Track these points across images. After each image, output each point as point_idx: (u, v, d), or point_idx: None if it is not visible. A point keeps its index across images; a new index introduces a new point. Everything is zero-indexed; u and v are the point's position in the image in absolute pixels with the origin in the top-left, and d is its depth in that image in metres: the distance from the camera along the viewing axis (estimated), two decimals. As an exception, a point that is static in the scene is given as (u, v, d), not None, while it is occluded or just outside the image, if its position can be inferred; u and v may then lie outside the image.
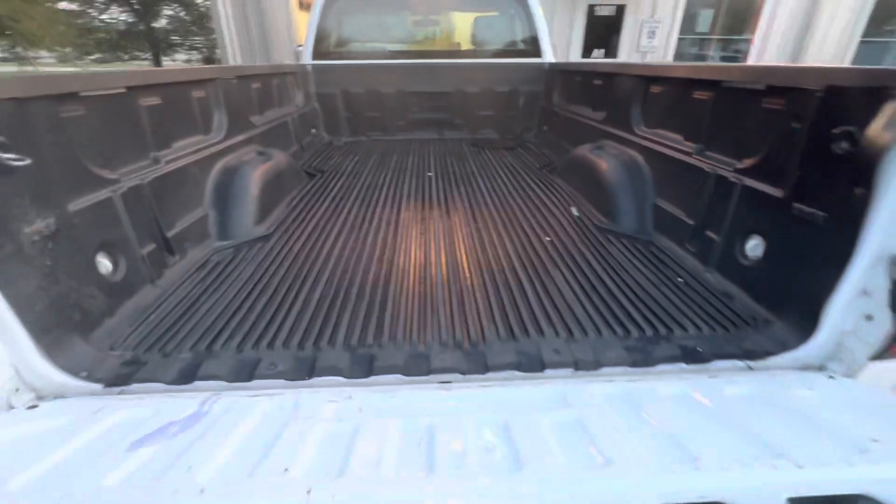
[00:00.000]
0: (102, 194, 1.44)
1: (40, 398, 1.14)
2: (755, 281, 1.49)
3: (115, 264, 1.48)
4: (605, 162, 2.41)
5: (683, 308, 1.49)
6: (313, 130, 4.12)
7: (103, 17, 11.99)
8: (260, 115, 2.94)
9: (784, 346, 1.25)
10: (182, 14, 13.66)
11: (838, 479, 0.82)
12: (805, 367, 1.22)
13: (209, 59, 14.62)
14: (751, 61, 9.22)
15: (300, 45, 4.45)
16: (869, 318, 1.14)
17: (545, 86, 4.27)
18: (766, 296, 1.43)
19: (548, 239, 2.05)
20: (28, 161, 1.13)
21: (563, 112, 3.75)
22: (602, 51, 9.63)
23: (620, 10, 9.07)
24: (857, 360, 1.17)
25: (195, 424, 0.98)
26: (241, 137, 2.51)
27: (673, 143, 2.06)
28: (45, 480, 0.82)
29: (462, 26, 4.80)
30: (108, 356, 1.26)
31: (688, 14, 9.09)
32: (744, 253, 1.57)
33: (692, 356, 1.25)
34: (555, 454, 0.87)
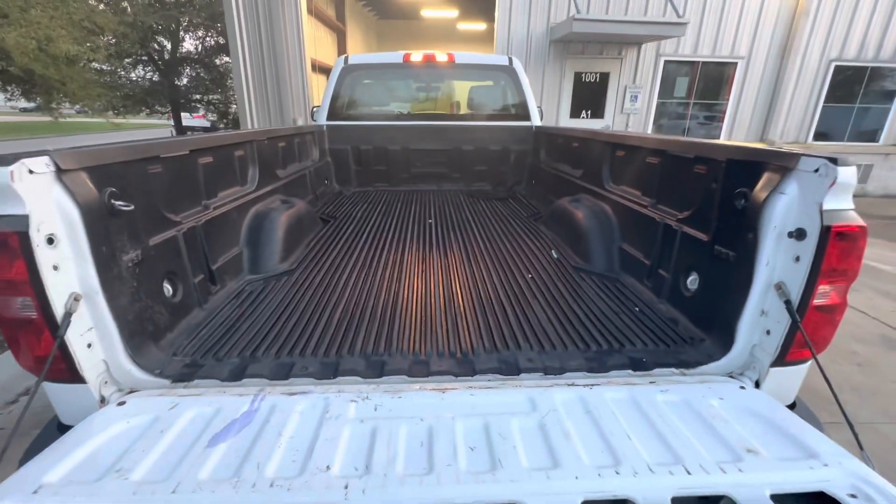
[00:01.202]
0: (170, 233, 1.81)
1: (120, 390, 1.45)
2: (693, 308, 1.84)
3: (175, 289, 1.82)
4: (581, 212, 2.83)
5: (636, 330, 1.83)
6: (326, 182, 4.59)
7: (131, 75, 13.06)
8: (284, 169, 3.40)
9: (711, 358, 1.58)
10: (202, 73, 14.77)
11: (711, 484, 1.08)
12: (727, 374, 1.54)
13: (224, 115, 15.58)
14: (725, 124, 10.06)
15: (316, 107, 5.04)
16: (768, 332, 1.48)
17: (533, 145, 4.81)
18: (700, 319, 1.78)
19: (529, 276, 2.41)
20: (132, 207, 1.51)
21: (549, 168, 4.24)
22: (589, 112, 10.48)
23: (605, 76, 10.01)
24: (763, 367, 1.49)
25: (250, 422, 1.27)
26: (268, 188, 2.93)
27: (633, 198, 2.48)
28: (153, 474, 1.08)
29: (460, 93, 5.45)
30: (172, 360, 1.57)
31: (667, 80, 10.03)
32: (686, 286, 1.92)
33: (638, 365, 1.57)
34: (519, 456, 1.15)
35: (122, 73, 12.42)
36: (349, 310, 1.98)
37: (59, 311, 1.26)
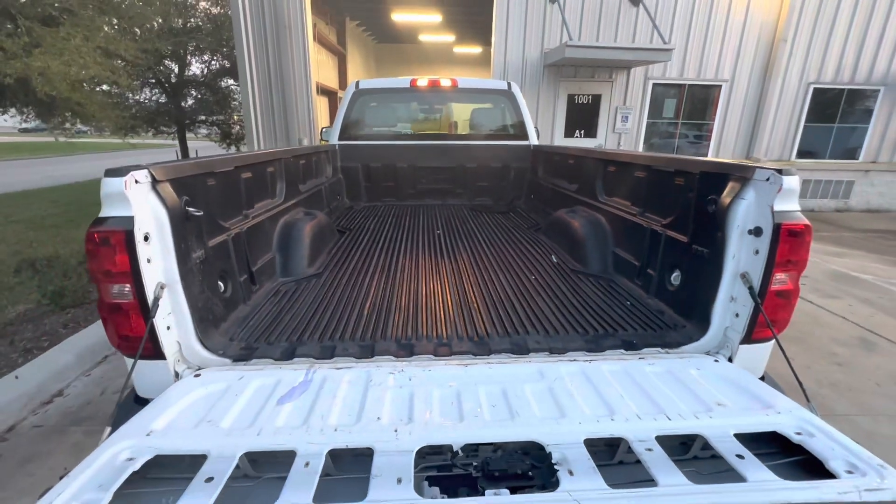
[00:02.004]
0: (222, 237, 2.09)
1: (189, 368, 1.70)
2: (676, 300, 2.13)
3: (226, 286, 2.08)
4: (578, 222, 3.13)
5: (628, 319, 2.11)
6: (338, 197, 4.90)
7: (139, 97, 13.47)
8: (304, 184, 3.70)
9: (691, 339, 1.85)
10: (207, 95, 15.22)
11: (687, 426, 1.35)
12: (704, 352, 1.82)
13: (227, 135, 15.99)
14: (713, 143, 10.55)
15: (325, 127, 5.40)
16: (737, 315, 1.76)
17: (531, 162, 5.16)
18: (682, 309, 2.06)
19: (533, 277, 2.69)
20: (201, 213, 1.79)
21: (546, 183, 4.57)
22: (582, 131, 10.96)
23: (597, 98, 10.52)
24: (734, 344, 1.77)
25: (308, 388, 1.53)
26: (293, 201, 3.22)
27: (624, 208, 2.79)
28: (239, 422, 1.34)
29: (462, 115, 5.83)
30: (230, 343, 1.83)
31: (655, 102, 10.55)
32: (670, 282, 2.21)
33: (629, 346, 1.84)
34: (532, 409, 1.42)
35: (131, 94, 12.83)
36: (376, 304, 2.25)
37: (149, 297, 1.52)
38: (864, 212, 10.73)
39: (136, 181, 1.46)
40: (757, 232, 1.64)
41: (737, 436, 1.29)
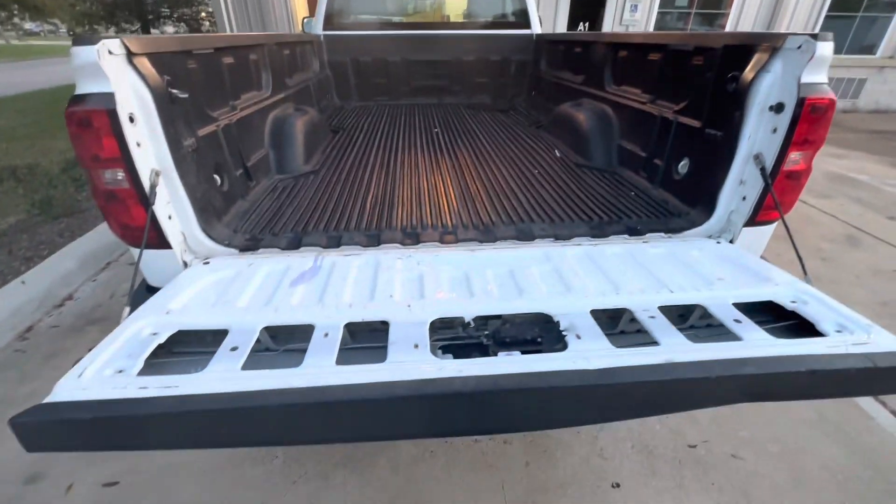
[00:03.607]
0: (211, 128, 1.97)
1: (197, 258, 1.71)
2: (682, 189, 2.10)
3: (222, 179, 2.01)
4: (583, 115, 2.99)
5: (632, 207, 2.10)
6: (327, 95, 4.59)
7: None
8: (290, 78, 3.42)
9: (694, 224, 1.87)
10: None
11: (688, 298, 1.40)
12: (707, 236, 1.84)
13: (195, 32, 14.55)
14: (726, 35, 9.78)
15: (307, 17, 4.87)
16: (744, 198, 1.75)
17: (533, 55, 4.78)
18: (687, 197, 2.05)
19: (536, 171, 2.63)
20: (186, 95, 1.65)
21: (549, 77, 4.28)
22: (587, 24, 10.05)
23: (605, -16, 9.48)
24: (737, 228, 1.79)
25: (318, 273, 1.55)
26: (281, 95, 3.01)
27: (633, 96, 2.64)
28: (254, 302, 1.36)
29: (459, 1, 5.24)
30: (235, 235, 1.81)
31: (668, -11, 9.55)
32: (677, 171, 2.17)
33: (633, 232, 1.86)
34: (540, 286, 1.46)
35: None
36: (378, 198, 2.21)
37: (146, 184, 1.46)
38: (871, 112, 10.41)
39: (110, 52, 1.31)
40: (778, 108, 1.56)
41: (736, 305, 1.35)
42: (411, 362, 1.08)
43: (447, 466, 2.10)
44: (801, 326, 1.31)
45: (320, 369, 1.06)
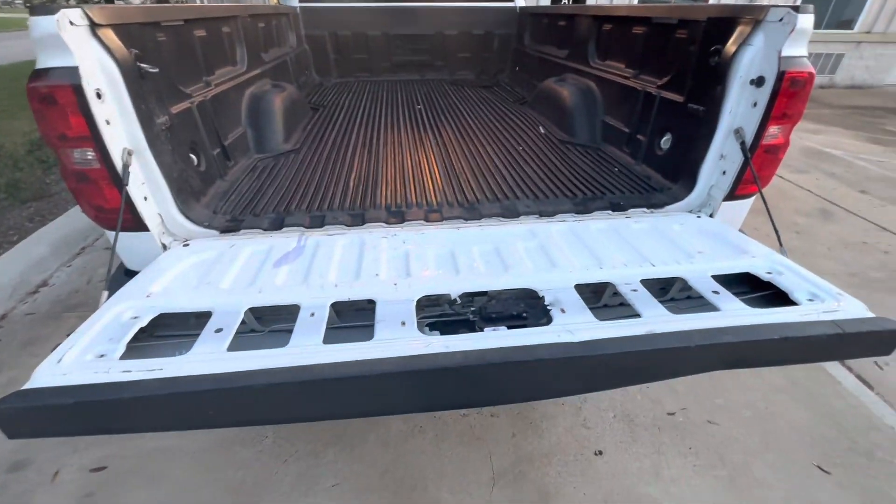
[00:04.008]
0: (185, 104, 1.89)
1: (176, 240, 1.66)
2: (664, 164, 2.12)
3: (199, 159, 1.95)
4: (567, 91, 2.96)
5: (615, 183, 2.12)
6: (306, 71, 4.44)
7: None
8: (266, 53, 3.30)
9: (675, 199, 1.89)
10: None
11: (669, 271, 1.43)
12: (688, 210, 1.88)
13: (163, 2, 13.86)
14: (709, 9, 9.74)
15: None
16: (724, 173, 1.78)
17: (517, 28, 4.69)
18: (669, 172, 2.07)
19: (520, 147, 2.62)
20: (157, 70, 1.58)
21: (533, 52, 4.22)
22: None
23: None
24: (717, 202, 1.82)
25: (302, 253, 1.53)
26: (257, 71, 2.90)
27: (617, 71, 2.63)
28: (238, 283, 1.34)
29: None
30: (215, 216, 1.77)
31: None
32: (659, 146, 2.18)
33: (616, 207, 1.88)
34: (525, 263, 1.47)
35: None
36: (362, 177, 2.18)
37: (117, 164, 1.41)
38: (847, 88, 10.59)
39: (71, 22, 1.24)
40: (759, 82, 1.58)
41: (714, 277, 1.39)
42: (399, 339, 1.09)
43: (436, 440, 2.14)
44: (776, 296, 1.36)
45: (307, 348, 1.06)
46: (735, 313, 1.19)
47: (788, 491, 1.93)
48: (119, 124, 1.41)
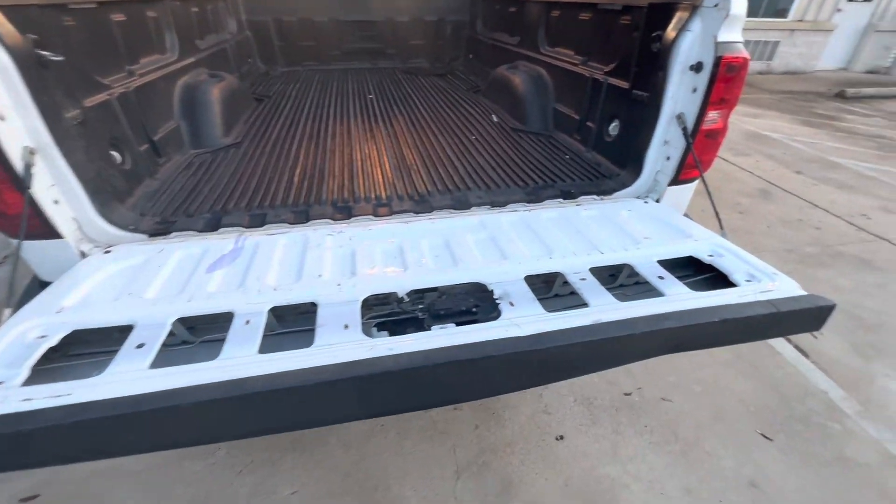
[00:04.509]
0: (103, 96, 1.72)
1: (97, 247, 1.52)
2: (613, 150, 2.15)
3: (123, 156, 1.79)
4: (518, 78, 2.94)
5: (567, 171, 2.12)
6: (249, 60, 4.20)
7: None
8: (202, 40, 3.08)
9: (624, 185, 1.91)
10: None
11: (617, 258, 1.44)
12: (636, 196, 1.90)
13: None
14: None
15: None
16: (668, 158, 1.81)
17: (470, 15, 4.62)
18: (618, 158, 2.09)
19: (473, 137, 2.58)
20: (61, 58, 1.42)
21: (486, 39, 4.17)
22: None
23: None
24: (663, 187, 1.86)
25: (240, 255, 1.43)
26: (191, 59, 2.70)
27: (566, 58, 2.63)
28: (165, 292, 1.23)
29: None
30: (142, 219, 1.63)
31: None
32: (608, 133, 2.20)
33: (567, 195, 1.88)
34: (475, 256, 1.44)
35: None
36: (307, 171, 2.07)
37: (16, 164, 1.25)
38: (783, 74, 11.22)
39: None
40: (698, 67, 1.60)
41: (660, 262, 1.41)
42: (340, 344, 1.03)
43: (399, 438, 2.11)
44: (718, 278, 1.39)
45: (240, 360, 0.98)
46: (678, 298, 1.21)
47: (736, 460, 2.03)
48: (16, 120, 1.26)
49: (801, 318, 1.17)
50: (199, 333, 1.26)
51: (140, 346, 1.03)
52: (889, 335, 2.77)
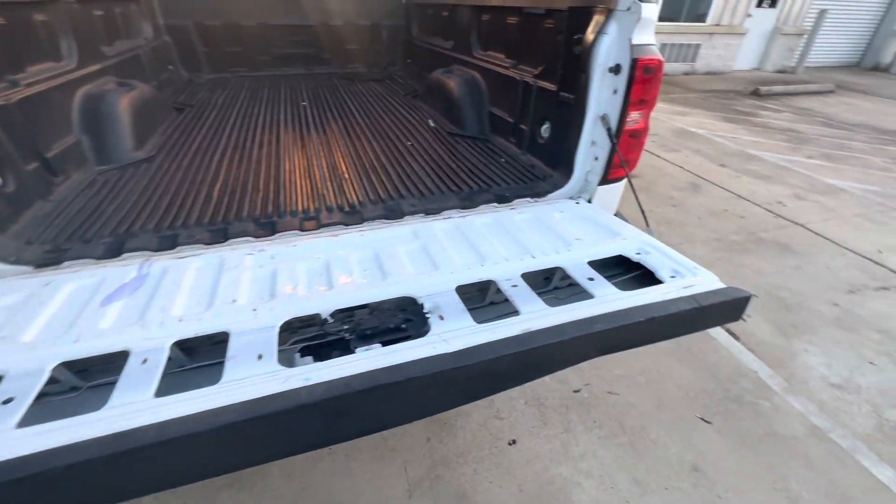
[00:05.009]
0: None
1: (-28, 283, 1.32)
2: (546, 152, 2.17)
3: (4, 178, 1.57)
4: (453, 82, 2.92)
5: (502, 175, 2.12)
6: (170, 67, 3.92)
7: None
8: (110, 46, 2.82)
9: (557, 187, 1.93)
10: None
11: (548, 262, 1.43)
12: (568, 197, 1.92)
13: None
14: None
15: None
16: (596, 158, 1.84)
17: (405, 20, 4.57)
18: (550, 160, 2.11)
19: (409, 143, 2.53)
20: None
21: (423, 44, 4.14)
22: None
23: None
24: (593, 187, 1.89)
25: (143, 283, 1.28)
26: (95, 67, 2.46)
27: (498, 61, 2.63)
28: (47, 333, 1.07)
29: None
30: (27, 247, 1.44)
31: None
32: (541, 135, 2.22)
33: (502, 199, 1.86)
34: (406, 268, 1.38)
35: None
36: (229, 185, 1.93)
37: None
38: (705, 74, 12.06)
39: None
40: (616, 69, 1.64)
41: (590, 263, 1.42)
42: (251, 378, 0.93)
43: (347, 460, 2.01)
44: (647, 275, 1.42)
45: (130, 407, 0.86)
46: (607, 299, 1.21)
47: (680, 446, 2.10)
48: None
49: (722, 311, 1.21)
50: (93, 377, 1.12)
51: (7, 400, 0.88)
52: (806, 313, 3.00)
